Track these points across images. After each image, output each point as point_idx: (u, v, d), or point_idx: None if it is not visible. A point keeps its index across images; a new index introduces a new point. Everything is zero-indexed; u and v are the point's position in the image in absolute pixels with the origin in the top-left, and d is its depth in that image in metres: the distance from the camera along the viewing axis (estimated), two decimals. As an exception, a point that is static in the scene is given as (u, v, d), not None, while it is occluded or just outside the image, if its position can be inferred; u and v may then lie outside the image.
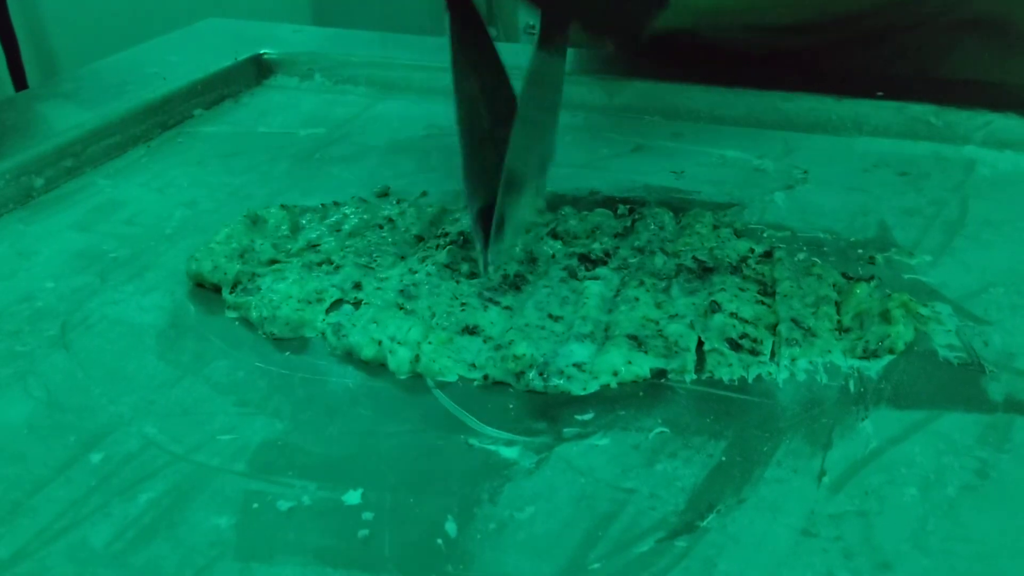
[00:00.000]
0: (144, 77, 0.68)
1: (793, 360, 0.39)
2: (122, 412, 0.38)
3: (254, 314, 0.43)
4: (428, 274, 0.45)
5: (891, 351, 0.39)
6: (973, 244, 0.47)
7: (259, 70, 0.71)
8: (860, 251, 0.46)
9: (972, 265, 0.45)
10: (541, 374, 0.38)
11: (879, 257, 0.45)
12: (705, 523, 0.32)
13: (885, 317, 0.40)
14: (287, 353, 0.41)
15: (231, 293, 0.44)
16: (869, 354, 0.39)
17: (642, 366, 0.39)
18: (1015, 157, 0.55)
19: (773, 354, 0.39)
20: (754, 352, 0.39)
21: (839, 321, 0.41)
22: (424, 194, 0.54)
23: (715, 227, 0.48)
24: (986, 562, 0.30)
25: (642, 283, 0.43)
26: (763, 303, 0.42)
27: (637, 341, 0.40)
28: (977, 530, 0.31)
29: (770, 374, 0.38)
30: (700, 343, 0.40)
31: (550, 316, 0.42)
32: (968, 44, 0.66)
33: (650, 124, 0.62)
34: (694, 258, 0.45)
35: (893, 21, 0.65)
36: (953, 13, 0.65)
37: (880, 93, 0.60)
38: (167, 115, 0.64)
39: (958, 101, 0.58)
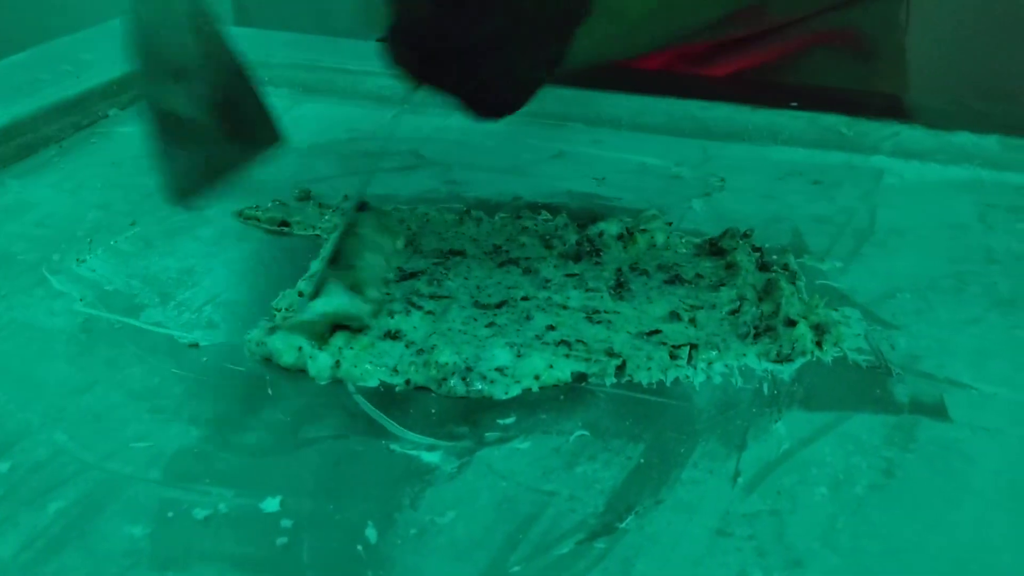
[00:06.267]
0: (57, 75, 0.66)
1: (710, 364, 0.40)
2: (30, 419, 0.37)
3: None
4: (349, 278, 0.44)
5: (803, 354, 0.40)
6: (881, 251, 0.48)
7: (177, 70, 0.70)
8: (775, 257, 0.47)
9: (880, 271, 0.47)
10: (464, 379, 0.38)
11: (792, 263, 0.47)
12: (624, 524, 0.32)
13: (793, 323, 0.41)
14: (204, 359, 0.40)
15: None
16: (782, 358, 0.40)
17: (563, 370, 0.39)
18: (921, 167, 0.57)
19: (690, 358, 0.40)
20: (672, 356, 0.40)
21: (754, 327, 0.42)
22: (346, 198, 0.54)
23: (630, 231, 0.48)
24: (893, 558, 0.31)
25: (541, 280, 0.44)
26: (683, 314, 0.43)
27: (558, 345, 0.40)
28: (884, 527, 0.32)
29: (687, 377, 0.39)
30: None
31: (473, 320, 0.42)
32: (821, 54, 0.69)
33: (571, 130, 0.62)
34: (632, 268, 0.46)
35: (746, 29, 0.67)
36: (811, 25, 0.68)
37: (794, 104, 0.61)
38: (80, 115, 0.63)
39: (868, 112, 0.60)
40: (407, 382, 0.39)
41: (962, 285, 0.45)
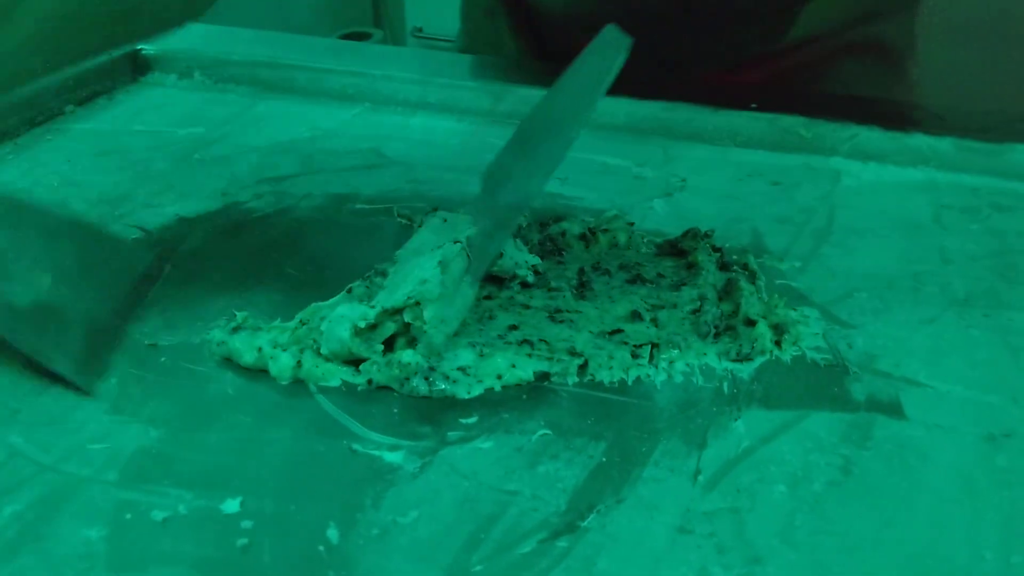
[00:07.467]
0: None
1: (671, 363, 0.40)
2: (-16, 421, 0.36)
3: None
4: (311, 278, 0.44)
5: (762, 353, 0.40)
6: (839, 251, 0.49)
7: (135, 66, 0.69)
8: (734, 257, 0.48)
9: (838, 271, 0.47)
10: (426, 378, 0.38)
11: (752, 263, 0.47)
12: (585, 523, 0.32)
13: (752, 323, 0.41)
14: (163, 359, 0.40)
15: None
16: (742, 357, 0.40)
17: (526, 369, 0.39)
18: (878, 168, 0.58)
19: (652, 357, 0.40)
20: (634, 355, 0.40)
21: (714, 326, 0.42)
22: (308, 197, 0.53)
23: (592, 231, 0.49)
24: (850, 554, 0.32)
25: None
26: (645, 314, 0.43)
27: (521, 344, 0.40)
28: (841, 524, 0.33)
29: (649, 376, 0.39)
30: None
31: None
32: (848, 65, 0.70)
33: (535, 130, 0.62)
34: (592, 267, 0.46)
35: (778, 42, 0.68)
36: (838, 37, 0.69)
37: (754, 105, 0.62)
38: (36, 111, 0.62)
39: (827, 114, 0.61)
40: (369, 382, 0.39)
41: (918, 285, 0.46)
